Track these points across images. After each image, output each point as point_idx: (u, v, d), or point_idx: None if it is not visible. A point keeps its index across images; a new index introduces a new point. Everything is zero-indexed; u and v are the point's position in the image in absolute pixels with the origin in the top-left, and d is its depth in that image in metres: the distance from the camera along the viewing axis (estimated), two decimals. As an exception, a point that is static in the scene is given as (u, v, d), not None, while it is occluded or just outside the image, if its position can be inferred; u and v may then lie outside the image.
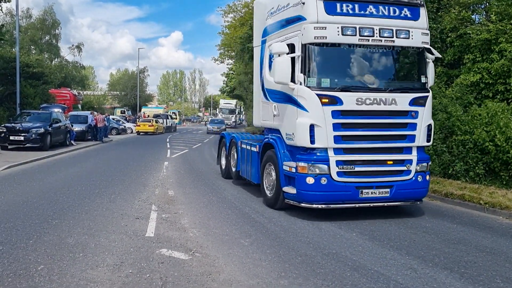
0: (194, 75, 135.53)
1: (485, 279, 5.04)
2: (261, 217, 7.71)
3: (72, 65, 49.72)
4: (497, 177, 10.45)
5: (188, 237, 6.35)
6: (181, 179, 11.98)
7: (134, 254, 5.51)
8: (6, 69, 26.05)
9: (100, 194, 9.32)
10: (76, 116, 25.86)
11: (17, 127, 18.01)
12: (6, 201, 8.37)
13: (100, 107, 48.18)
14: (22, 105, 24.59)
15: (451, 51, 13.82)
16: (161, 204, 8.51)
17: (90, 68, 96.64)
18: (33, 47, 46.21)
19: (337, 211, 7.86)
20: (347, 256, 5.69)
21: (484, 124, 10.94)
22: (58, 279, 4.64)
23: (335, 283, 4.77)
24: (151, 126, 36.51)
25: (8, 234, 6.15)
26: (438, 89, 13.27)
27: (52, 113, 20.61)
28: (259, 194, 9.95)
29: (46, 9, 48.45)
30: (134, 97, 61.79)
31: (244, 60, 33.81)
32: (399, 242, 6.44)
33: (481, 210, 8.76)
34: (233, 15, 42.24)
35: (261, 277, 4.89)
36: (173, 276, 4.83)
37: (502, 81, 12.17)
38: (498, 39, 12.21)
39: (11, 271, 4.80)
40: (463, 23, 13.35)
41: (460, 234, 6.98)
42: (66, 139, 20.86)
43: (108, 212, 7.75)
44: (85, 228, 6.61)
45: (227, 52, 46.89)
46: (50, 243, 5.82)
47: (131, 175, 12.37)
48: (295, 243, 6.23)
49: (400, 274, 5.10)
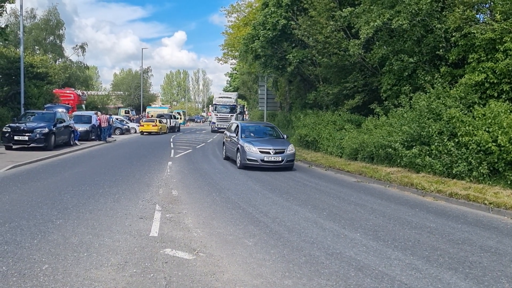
0: (198, 75, 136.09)
1: (490, 280, 5.01)
2: (265, 217, 7.71)
3: (76, 65, 49.96)
4: (502, 177, 10.39)
5: (192, 237, 6.36)
6: (185, 179, 11.99)
7: (138, 254, 5.51)
8: (10, 69, 26.19)
9: (104, 194, 9.34)
10: (80, 116, 25.97)
11: (22, 127, 18.08)
12: (10, 201, 8.40)
13: (103, 107, 48.38)
14: (26, 105, 24.71)
15: (456, 50, 13.76)
16: (165, 204, 8.52)
17: (94, 68, 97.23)
18: (37, 48, 46.41)
19: (341, 210, 7.80)
20: (351, 256, 5.68)
21: (487, 125, 10.89)
22: (63, 278, 4.65)
23: (340, 283, 4.75)
24: (155, 126, 36.56)
25: (12, 234, 6.17)
26: (442, 89, 13.24)
27: (56, 113, 20.70)
28: (263, 194, 9.95)
29: (50, 10, 48.78)
30: (138, 97, 61.99)
31: (248, 60, 33.77)
32: (404, 242, 6.43)
33: (486, 210, 8.74)
34: (236, 15, 42.39)
35: (265, 277, 4.89)
36: (177, 276, 4.83)
37: (507, 81, 12.11)
38: (503, 38, 12.15)
39: (15, 271, 4.81)
40: (468, 23, 13.28)
41: (464, 234, 6.95)
42: (70, 139, 20.95)
43: (112, 212, 7.76)
44: (89, 228, 6.62)
45: (231, 52, 46.95)
46: (55, 243, 5.83)
47: (135, 175, 12.39)
48: (299, 243, 6.22)
49: (404, 274, 5.08)
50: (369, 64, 18.85)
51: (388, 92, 16.53)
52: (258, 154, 14.26)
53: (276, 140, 15.80)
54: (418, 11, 14.13)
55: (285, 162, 14.41)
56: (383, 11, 15.42)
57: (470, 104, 12.44)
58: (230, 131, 17.20)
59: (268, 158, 14.19)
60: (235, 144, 15.48)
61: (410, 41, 15.46)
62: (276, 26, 23.77)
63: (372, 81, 19.15)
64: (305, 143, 21.16)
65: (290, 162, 14.75)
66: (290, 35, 24.05)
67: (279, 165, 14.36)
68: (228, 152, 17.05)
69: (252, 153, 14.27)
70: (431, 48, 15.01)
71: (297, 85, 30.79)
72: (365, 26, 15.79)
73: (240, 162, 14.64)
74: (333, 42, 19.51)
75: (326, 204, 9.09)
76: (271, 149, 14.38)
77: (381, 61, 17.24)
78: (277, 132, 16.83)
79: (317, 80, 24.45)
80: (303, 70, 25.36)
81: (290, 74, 26.84)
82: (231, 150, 16.30)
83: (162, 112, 51.45)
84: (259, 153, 14.22)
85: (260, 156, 14.20)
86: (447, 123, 11.84)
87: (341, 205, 9.03)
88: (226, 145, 17.38)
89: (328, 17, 19.74)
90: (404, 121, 13.31)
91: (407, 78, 15.79)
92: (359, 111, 19.87)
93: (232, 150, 16.09)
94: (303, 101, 27.97)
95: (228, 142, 17.12)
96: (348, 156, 16.11)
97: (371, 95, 19.23)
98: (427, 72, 14.98)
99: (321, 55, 20.78)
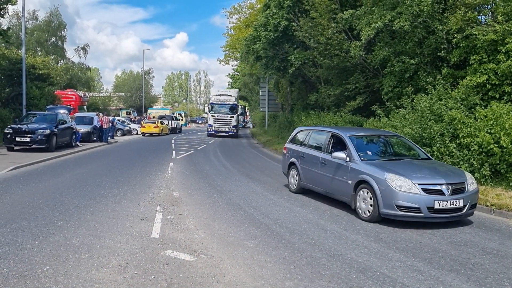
0: (199, 76, 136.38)
1: (492, 282, 5.00)
2: (266, 219, 7.70)
3: (77, 67, 50.14)
4: (504, 179, 10.38)
5: (193, 239, 6.35)
6: (186, 180, 11.99)
7: (139, 256, 5.51)
8: (12, 71, 26.27)
9: (106, 195, 9.34)
10: (81, 118, 26.00)
11: (23, 128, 18.09)
12: (12, 202, 8.41)
13: (105, 109, 48.44)
14: (28, 106, 24.76)
15: (457, 52, 13.74)
16: (166, 206, 8.52)
17: (96, 69, 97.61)
18: (39, 49, 46.60)
19: (343, 212, 7.77)
20: (353, 258, 5.67)
21: (489, 126, 10.87)
22: (64, 280, 4.65)
23: (341, 285, 4.74)
24: (156, 127, 36.57)
25: (14, 235, 6.17)
26: (444, 90, 13.22)
27: (58, 114, 20.72)
28: (265, 196, 9.92)
29: (52, 11, 49.02)
30: (139, 98, 62.07)
31: (249, 61, 33.80)
32: (405, 244, 6.41)
33: (488, 212, 8.71)
34: (238, 17, 42.44)
35: (266, 278, 4.88)
36: (178, 278, 4.82)
37: (509, 82, 12.08)
38: (505, 39, 12.13)
39: (17, 272, 4.81)
40: (469, 24, 13.27)
41: (466, 236, 6.93)
42: (72, 140, 20.95)
43: (113, 213, 7.76)
44: (91, 229, 6.62)
45: (232, 53, 47.00)
46: (56, 244, 5.83)
47: (136, 176, 12.39)
48: (300, 244, 6.21)
49: (406, 276, 5.07)
50: (371, 66, 18.84)
51: (389, 94, 16.51)
52: (420, 195, 7.33)
53: (427, 164, 8.76)
54: (419, 12, 14.11)
55: (467, 210, 7.62)
56: (384, 13, 15.40)
57: (472, 105, 12.42)
58: (308, 146, 10.41)
59: (442, 203, 7.32)
60: (344, 172, 8.60)
61: (412, 43, 15.44)
62: (277, 28, 23.79)
63: (373, 83, 19.14)
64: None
65: (473, 209, 7.90)
66: (291, 37, 24.06)
67: (458, 217, 7.67)
68: (316, 183, 9.69)
69: (406, 195, 7.35)
70: (432, 50, 15.00)
71: (299, 86, 30.80)
72: (366, 28, 15.77)
73: (377, 210, 7.62)
74: (334, 43, 19.51)
75: (327, 205, 9.07)
76: (442, 184, 7.50)
77: (383, 62, 17.22)
78: (413, 148, 9.75)
79: (319, 81, 24.45)
80: (305, 72, 25.37)
81: (291, 75, 26.86)
82: (329, 182, 9.15)
83: (164, 113, 51.48)
84: (421, 193, 7.35)
85: (424, 200, 7.30)
86: (448, 125, 11.82)
87: (343, 206, 9.01)
88: (308, 170, 10.05)
89: (329, 18, 19.75)
90: (405, 123, 13.28)
91: (409, 79, 15.76)
92: (360, 112, 19.85)
93: (331, 182, 9.04)
94: (304, 103, 27.98)
95: (311, 166, 9.92)
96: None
97: (372, 97, 19.21)
98: (428, 73, 14.95)
99: (323, 56, 20.78)
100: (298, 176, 10.43)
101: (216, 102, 36.82)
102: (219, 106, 36.35)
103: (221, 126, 35.76)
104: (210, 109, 36.93)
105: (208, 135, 36.61)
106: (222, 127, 35.71)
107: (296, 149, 10.78)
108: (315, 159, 9.74)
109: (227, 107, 36.20)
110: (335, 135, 9.54)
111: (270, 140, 29.27)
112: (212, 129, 36.15)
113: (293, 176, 10.68)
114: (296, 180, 10.54)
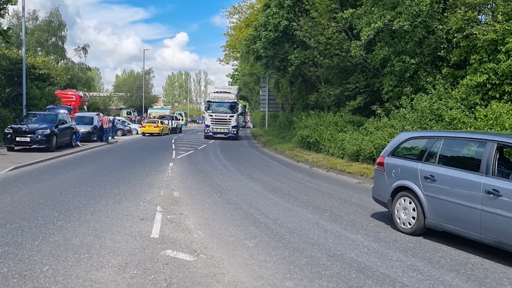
0: (200, 76, 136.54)
1: (492, 282, 4.99)
2: (266, 219, 7.70)
3: (78, 67, 50.11)
4: (504, 179, 10.36)
5: (193, 238, 6.35)
6: (186, 180, 11.99)
7: (139, 255, 5.51)
8: (12, 71, 26.26)
9: (105, 195, 9.34)
10: (81, 118, 26.00)
11: (23, 128, 18.08)
12: (12, 202, 8.40)
13: (105, 109, 48.44)
14: (28, 106, 24.75)
15: (457, 51, 13.74)
16: (166, 205, 8.52)
17: (96, 69, 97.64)
18: (39, 49, 46.60)
19: (343, 211, 7.76)
20: (353, 257, 5.66)
21: (489, 126, 10.86)
22: (63, 280, 4.65)
23: (341, 285, 4.74)
24: (156, 127, 36.57)
25: (13, 235, 6.17)
26: (444, 90, 13.21)
27: (58, 114, 20.70)
28: (264, 196, 9.91)
29: (52, 11, 49.02)
30: (140, 98, 62.05)
31: (249, 61, 33.79)
32: (405, 243, 6.41)
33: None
34: (238, 16, 42.47)
35: (266, 278, 4.87)
36: (178, 278, 4.82)
37: (509, 82, 12.09)
38: (505, 39, 12.13)
39: (16, 272, 4.81)
40: (469, 24, 13.27)
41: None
42: (72, 140, 20.95)
43: (113, 213, 7.76)
44: (90, 229, 6.62)
45: (232, 53, 47.02)
46: (55, 244, 5.83)
47: (136, 176, 12.39)
48: (300, 244, 6.21)
49: (406, 276, 5.06)
50: (371, 66, 18.85)
51: (389, 93, 16.52)
52: None
53: None
54: (419, 12, 14.12)
55: None
56: (384, 13, 15.41)
57: (472, 105, 12.42)
58: (443, 163, 6.68)
59: None
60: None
61: (412, 42, 15.44)
62: (277, 27, 23.79)
63: (373, 82, 19.14)
64: (306, 144, 21.16)
65: None
66: (291, 36, 24.07)
67: None
68: (470, 226, 6.00)
69: None
70: (432, 49, 15.00)
71: (299, 86, 30.80)
72: (366, 28, 15.78)
73: None
74: (334, 43, 19.51)
75: (327, 205, 9.07)
76: None
77: (383, 62, 17.23)
78: None
79: (319, 81, 24.46)
80: (305, 71, 25.38)
81: (291, 75, 26.87)
82: (507, 226, 5.49)
83: (164, 113, 51.47)
84: None
85: None
86: (449, 124, 11.82)
87: (343, 206, 9.01)
88: (447, 202, 6.32)
89: (329, 18, 19.76)
90: (405, 122, 13.29)
91: (409, 79, 15.77)
92: (360, 112, 19.87)
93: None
94: (304, 102, 27.99)
95: (455, 196, 6.20)
96: (349, 157, 16.09)
97: (372, 96, 19.21)
98: (428, 73, 14.96)
99: (323, 56, 20.79)
100: (419, 210, 6.76)
101: (213, 100, 32.49)
102: (217, 105, 32.26)
103: (220, 127, 31.79)
104: (207, 108, 32.85)
105: (205, 137, 32.31)
106: (221, 128, 31.77)
107: (412, 166, 7.07)
108: (467, 184, 6.08)
109: (226, 105, 32.18)
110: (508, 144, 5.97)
111: (270, 140, 29.29)
112: (210, 130, 32.00)
113: (407, 209, 7.02)
114: (413, 216, 6.87)
